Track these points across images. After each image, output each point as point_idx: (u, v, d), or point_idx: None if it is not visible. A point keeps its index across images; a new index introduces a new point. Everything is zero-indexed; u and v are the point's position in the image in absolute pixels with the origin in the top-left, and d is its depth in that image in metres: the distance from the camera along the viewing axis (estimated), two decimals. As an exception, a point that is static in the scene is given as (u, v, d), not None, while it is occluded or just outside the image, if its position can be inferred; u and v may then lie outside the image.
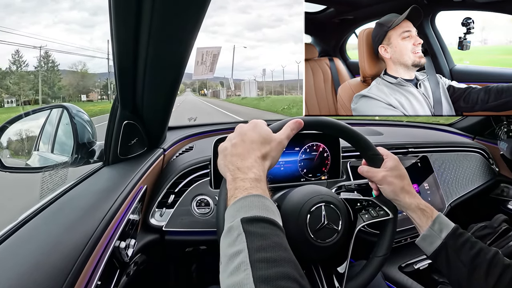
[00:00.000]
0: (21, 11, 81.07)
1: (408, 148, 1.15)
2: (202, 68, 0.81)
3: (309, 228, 0.61)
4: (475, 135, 1.49)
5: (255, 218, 0.40)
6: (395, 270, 0.99)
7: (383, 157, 0.68)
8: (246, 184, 0.45)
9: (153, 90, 0.76)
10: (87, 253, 0.50)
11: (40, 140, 0.91)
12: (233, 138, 0.52)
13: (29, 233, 0.52)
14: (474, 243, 0.58)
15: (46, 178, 0.71)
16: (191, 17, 0.59)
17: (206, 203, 0.86)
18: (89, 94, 51.91)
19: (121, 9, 0.55)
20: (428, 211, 0.62)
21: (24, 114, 0.80)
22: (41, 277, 0.43)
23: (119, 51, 0.64)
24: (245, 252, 0.36)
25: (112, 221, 0.59)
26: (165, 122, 0.95)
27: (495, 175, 1.33)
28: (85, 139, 0.80)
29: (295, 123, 0.57)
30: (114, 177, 0.78)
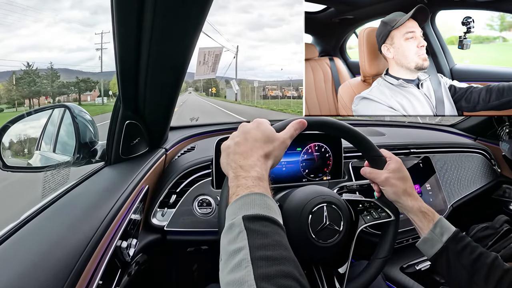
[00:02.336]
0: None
1: (410, 149, 1.14)
2: (204, 68, 0.81)
3: (311, 228, 0.61)
4: (477, 136, 1.48)
5: (257, 216, 0.40)
6: (397, 271, 0.99)
7: (386, 159, 0.68)
8: (249, 182, 0.45)
9: (155, 90, 0.76)
10: (89, 252, 0.50)
11: (42, 139, 0.91)
12: (236, 137, 0.52)
13: (31, 232, 0.53)
14: (475, 247, 0.58)
15: (48, 177, 0.72)
16: (193, 17, 0.59)
17: (208, 203, 0.86)
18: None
19: (123, 9, 0.56)
20: (430, 214, 0.62)
21: (26, 113, 0.80)
22: (42, 276, 0.43)
23: (121, 51, 0.64)
24: (246, 250, 0.36)
25: (114, 220, 0.60)
26: (167, 122, 0.95)
27: (497, 176, 1.33)
28: (87, 139, 0.80)
29: (299, 123, 0.57)
30: (116, 176, 0.78)
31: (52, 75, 34.46)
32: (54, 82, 33.61)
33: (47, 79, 33.50)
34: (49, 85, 32.91)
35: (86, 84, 36.01)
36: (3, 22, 53.06)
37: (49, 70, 34.95)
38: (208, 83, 50.61)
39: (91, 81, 36.65)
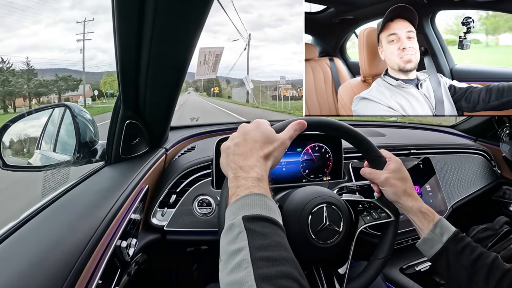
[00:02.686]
0: (24, 11, 79.84)
1: (410, 150, 1.14)
2: (205, 68, 0.81)
3: (311, 229, 0.61)
4: (477, 137, 1.48)
5: (256, 216, 0.40)
6: (396, 272, 0.99)
7: (386, 159, 0.68)
8: (248, 183, 0.45)
9: (155, 90, 0.76)
10: (89, 252, 0.50)
11: (42, 139, 0.91)
12: (236, 137, 0.52)
13: (31, 231, 0.53)
14: (475, 247, 0.58)
15: (48, 176, 0.72)
16: (194, 17, 0.59)
17: (208, 203, 0.86)
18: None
19: (124, 9, 0.56)
20: (430, 215, 0.62)
21: (27, 113, 0.80)
22: (42, 276, 0.43)
23: (122, 51, 0.64)
24: (246, 250, 0.36)
25: (113, 220, 0.60)
26: (167, 121, 0.95)
27: (497, 177, 1.33)
28: (87, 138, 0.80)
29: (299, 124, 0.57)
30: (116, 176, 0.78)
31: (28, 72, 27.68)
32: (31, 81, 27.32)
33: (23, 77, 27.09)
34: (25, 84, 26.93)
35: (66, 82, 29.76)
36: (3, 22, 52.08)
37: (26, 68, 27.77)
38: (209, 82, 47.94)
39: (73, 79, 30.55)
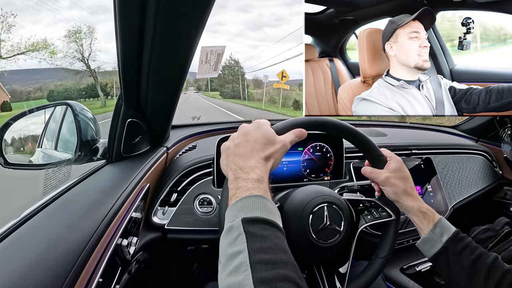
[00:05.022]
0: (25, 9, 76.70)
1: (411, 150, 1.14)
2: (206, 67, 0.81)
3: (311, 229, 0.61)
4: (478, 138, 1.48)
5: (256, 219, 0.40)
6: (397, 272, 0.99)
7: (387, 159, 0.67)
8: (248, 184, 0.45)
9: (157, 89, 0.76)
10: (89, 250, 0.50)
11: (44, 137, 0.91)
12: (236, 138, 0.52)
13: (32, 229, 0.53)
14: (475, 247, 0.58)
15: (49, 175, 0.72)
16: (195, 16, 0.59)
17: (209, 202, 0.86)
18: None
19: (126, 8, 0.56)
20: (430, 215, 0.62)
21: (28, 111, 0.81)
22: (43, 274, 0.43)
23: (124, 49, 0.64)
24: (245, 253, 0.36)
25: (114, 218, 0.60)
26: (168, 120, 0.95)
27: (498, 178, 1.32)
28: (88, 137, 0.80)
29: (300, 132, 0.57)
30: (117, 175, 0.78)
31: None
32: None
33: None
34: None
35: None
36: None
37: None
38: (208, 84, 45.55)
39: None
